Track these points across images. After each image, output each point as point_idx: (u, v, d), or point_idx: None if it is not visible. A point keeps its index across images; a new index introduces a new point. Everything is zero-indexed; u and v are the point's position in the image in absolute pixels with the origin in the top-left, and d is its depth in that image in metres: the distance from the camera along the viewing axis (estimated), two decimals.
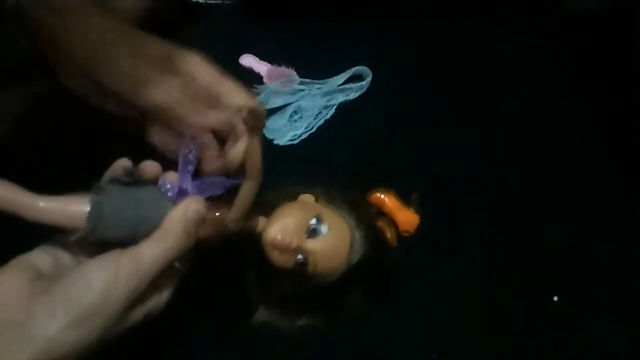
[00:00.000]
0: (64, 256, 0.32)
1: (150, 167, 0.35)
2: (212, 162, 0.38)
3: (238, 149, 0.37)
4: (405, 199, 0.48)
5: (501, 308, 0.44)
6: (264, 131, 0.56)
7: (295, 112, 0.58)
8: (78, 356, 0.28)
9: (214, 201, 0.35)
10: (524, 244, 0.48)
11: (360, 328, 0.43)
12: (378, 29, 0.66)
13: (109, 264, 0.29)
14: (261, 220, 0.38)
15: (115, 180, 0.32)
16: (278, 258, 0.38)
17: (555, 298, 0.45)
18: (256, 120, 0.33)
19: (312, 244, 0.38)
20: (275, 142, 0.55)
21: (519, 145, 0.56)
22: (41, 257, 0.31)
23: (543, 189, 0.52)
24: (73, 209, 0.30)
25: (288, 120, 0.57)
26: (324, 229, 0.38)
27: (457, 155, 0.55)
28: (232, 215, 0.35)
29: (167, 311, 0.33)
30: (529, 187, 0.52)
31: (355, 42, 0.65)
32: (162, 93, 0.35)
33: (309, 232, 0.38)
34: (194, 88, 0.36)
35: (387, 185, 0.48)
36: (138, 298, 0.30)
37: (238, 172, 0.37)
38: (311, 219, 0.38)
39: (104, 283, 0.28)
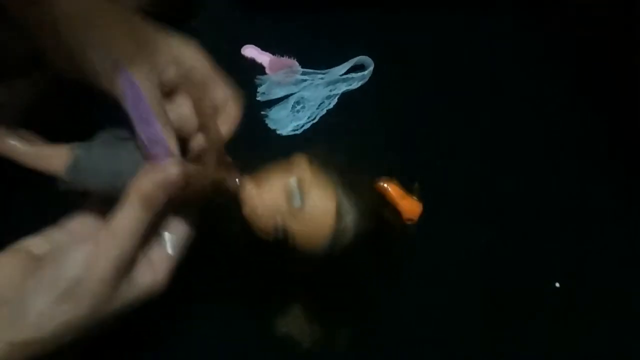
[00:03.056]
0: (61, 240, 0.33)
1: None
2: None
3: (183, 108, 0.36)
4: (407, 188, 0.48)
5: (501, 295, 0.45)
6: (267, 121, 0.56)
7: (297, 103, 0.58)
8: (73, 332, 0.29)
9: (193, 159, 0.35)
10: (526, 232, 0.48)
11: (356, 312, 0.43)
12: (380, 18, 0.66)
13: (90, 240, 0.30)
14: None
15: (108, 134, 0.34)
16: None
17: (557, 284, 0.45)
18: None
19: None
20: (277, 132, 0.56)
21: (521, 136, 0.56)
22: (37, 242, 0.32)
23: (544, 179, 0.52)
24: (56, 153, 0.32)
25: (291, 111, 0.57)
26: (300, 194, 0.34)
27: (458, 146, 0.55)
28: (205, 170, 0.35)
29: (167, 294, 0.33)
30: (530, 178, 0.52)
31: (356, 32, 0.65)
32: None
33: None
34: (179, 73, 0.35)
35: (389, 174, 0.48)
36: (126, 273, 0.30)
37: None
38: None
39: (85, 257, 0.29)
